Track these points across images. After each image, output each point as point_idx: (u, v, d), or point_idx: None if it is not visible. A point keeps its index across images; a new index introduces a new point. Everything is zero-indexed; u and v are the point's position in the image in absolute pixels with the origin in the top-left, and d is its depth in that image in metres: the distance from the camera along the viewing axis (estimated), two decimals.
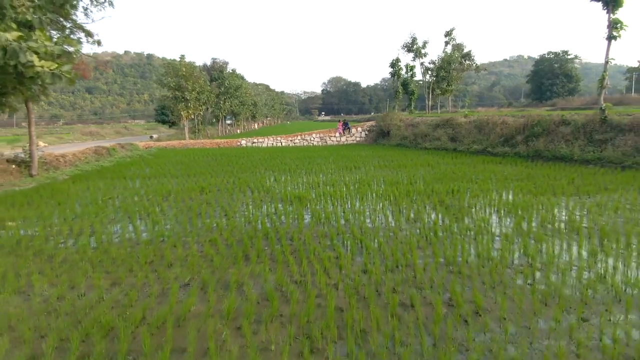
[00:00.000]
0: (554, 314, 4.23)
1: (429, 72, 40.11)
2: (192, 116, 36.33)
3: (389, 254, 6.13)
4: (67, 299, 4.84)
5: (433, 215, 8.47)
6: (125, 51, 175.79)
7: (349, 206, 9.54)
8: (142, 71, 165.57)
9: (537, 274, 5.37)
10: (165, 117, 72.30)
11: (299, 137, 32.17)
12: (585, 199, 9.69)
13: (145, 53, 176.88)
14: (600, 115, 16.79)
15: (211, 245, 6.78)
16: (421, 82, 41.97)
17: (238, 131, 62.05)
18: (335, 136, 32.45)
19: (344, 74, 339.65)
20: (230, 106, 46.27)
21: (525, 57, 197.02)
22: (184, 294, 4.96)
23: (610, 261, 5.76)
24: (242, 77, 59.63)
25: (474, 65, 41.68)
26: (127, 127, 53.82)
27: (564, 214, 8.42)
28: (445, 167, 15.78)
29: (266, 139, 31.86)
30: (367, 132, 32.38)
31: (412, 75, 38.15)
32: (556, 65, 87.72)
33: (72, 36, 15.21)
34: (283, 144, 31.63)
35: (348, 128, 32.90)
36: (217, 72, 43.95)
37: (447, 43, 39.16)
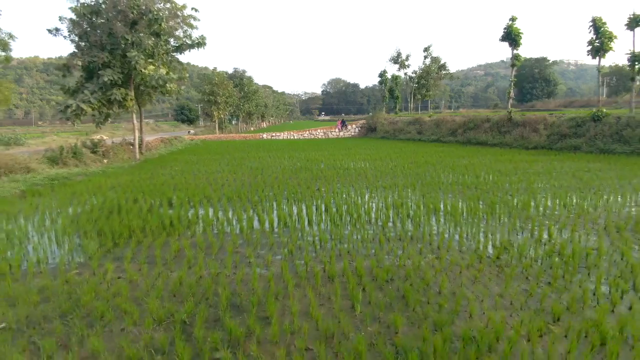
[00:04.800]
0: (422, 176, 13.31)
1: (411, 80, 49.24)
2: (222, 116, 45.39)
3: (358, 172, 15.18)
4: (243, 181, 13.91)
5: (384, 163, 17.52)
6: None
7: (344, 162, 18.57)
8: None
9: (419, 179, 14.36)
10: (184, 116, 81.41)
11: (307, 132, 41.26)
12: (467, 160, 18.74)
13: None
14: (508, 116, 25.87)
15: (282, 170, 15.85)
16: (406, 84, 50.98)
17: (252, 128, 71.28)
18: (335, 131, 41.56)
19: (343, 75, 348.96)
20: (249, 108, 55.49)
21: (522, 59, 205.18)
22: (283, 177, 13.98)
23: (457, 175, 14.75)
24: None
25: (449, 74, 51.04)
26: (158, 124, 63.09)
27: (450, 162, 17.44)
28: (406, 149, 24.83)
29: (282, 134, 40.93)
30: (359, 129, 41.49)
31: (397, 84, 47.31)
32: (536, 70, 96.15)
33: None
34: (295, 137, 40.67)
35: (345, 125, 42.07)
36: (238, 79, 53.10)
37: (425, 57, 48.41)
